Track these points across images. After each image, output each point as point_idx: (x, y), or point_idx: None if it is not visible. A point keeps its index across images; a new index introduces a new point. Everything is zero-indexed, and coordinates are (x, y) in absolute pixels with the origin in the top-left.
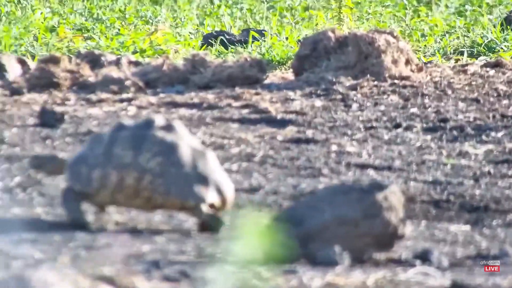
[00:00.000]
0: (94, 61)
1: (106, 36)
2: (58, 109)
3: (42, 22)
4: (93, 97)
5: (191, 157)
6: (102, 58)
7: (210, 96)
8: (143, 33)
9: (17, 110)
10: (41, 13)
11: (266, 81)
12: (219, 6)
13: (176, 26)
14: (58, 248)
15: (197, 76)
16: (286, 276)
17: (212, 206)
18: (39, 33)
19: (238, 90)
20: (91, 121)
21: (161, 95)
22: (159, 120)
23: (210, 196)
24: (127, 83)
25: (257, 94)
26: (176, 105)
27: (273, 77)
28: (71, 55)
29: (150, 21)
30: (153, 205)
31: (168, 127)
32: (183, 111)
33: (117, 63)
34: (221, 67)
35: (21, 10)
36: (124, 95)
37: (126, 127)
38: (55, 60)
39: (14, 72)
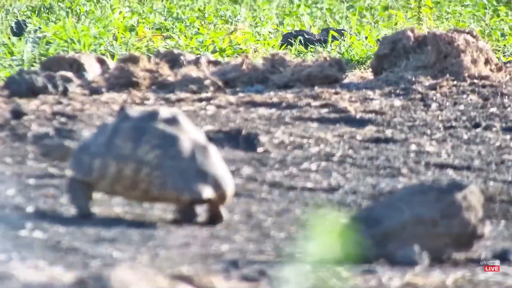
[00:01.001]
0: (173, 61)
1: (185, 36)
2: (137, 108)
3: (121, 22)
4: (172, 96)
5: (190, 150)
6: (182, 58)
7: (289, 96)
8: (223, 32)
9: (96, 110)
10: (120, 12)
11: (345, 81)
12: (298, 6)
13: (256, 25)
14: (137, 247)
15: (277, 76)
16: (365, 276)
17: (209, 201)
18: (118, 32)
19: (317, 89)
20: None
21: (240, 94)
22: (164, 112)
23: (207, 191)
24: (206, 82)
25: (336, 93)
26: (255, 104)
27: (352, 76)
28: (150, 55)
29: (230, 20)
30: (150, 197)
31: (172, 120)
32: (262, 111)
33: (196, 62)
34: (301, 67)
35: (100, 10)
36: (203, 95)
37: (130, 118)
38: (134, 60)
39: (93, 71)
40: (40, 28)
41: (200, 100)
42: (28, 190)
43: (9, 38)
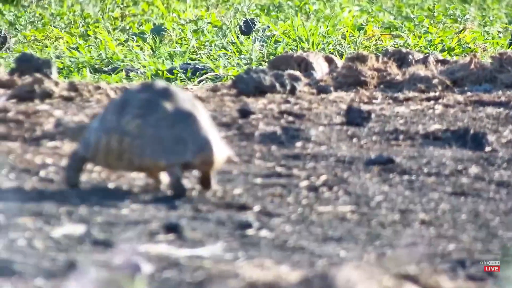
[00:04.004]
0: (401, 59)
1: (414, 34)
2: (365, 107)
3: (351, 20)
4: (400, 95)
5: (172, 118)
6: (410, 56)
7: None
8: (451, 31)
9: (324, 109)
10: (350, 11)
11: None
12: None
13: (485, 24)
14: (363, 247)
15: (505, 75)
16: None
17: (192, 165)
18: (347, 31)
19: None
20: (398, 120)
21: (468, 93)
22: (158, 84)
23: (185, 156)
24: (435, 81)
25: None
26: (482, 103)
27: None
28: (378, 53)
29: (459, 19)
30: (134, 168)
31: (162, 91)
32: (490, 110)
33: (424, 61)
34: None
35: (329, 8)
36: (431, 94)
37: (125, 92)
38: (362, 59)
39: (321, 70)
40: (268, 27)
41: (428, 99)
42: (255, 189)
43: (238, 37)
